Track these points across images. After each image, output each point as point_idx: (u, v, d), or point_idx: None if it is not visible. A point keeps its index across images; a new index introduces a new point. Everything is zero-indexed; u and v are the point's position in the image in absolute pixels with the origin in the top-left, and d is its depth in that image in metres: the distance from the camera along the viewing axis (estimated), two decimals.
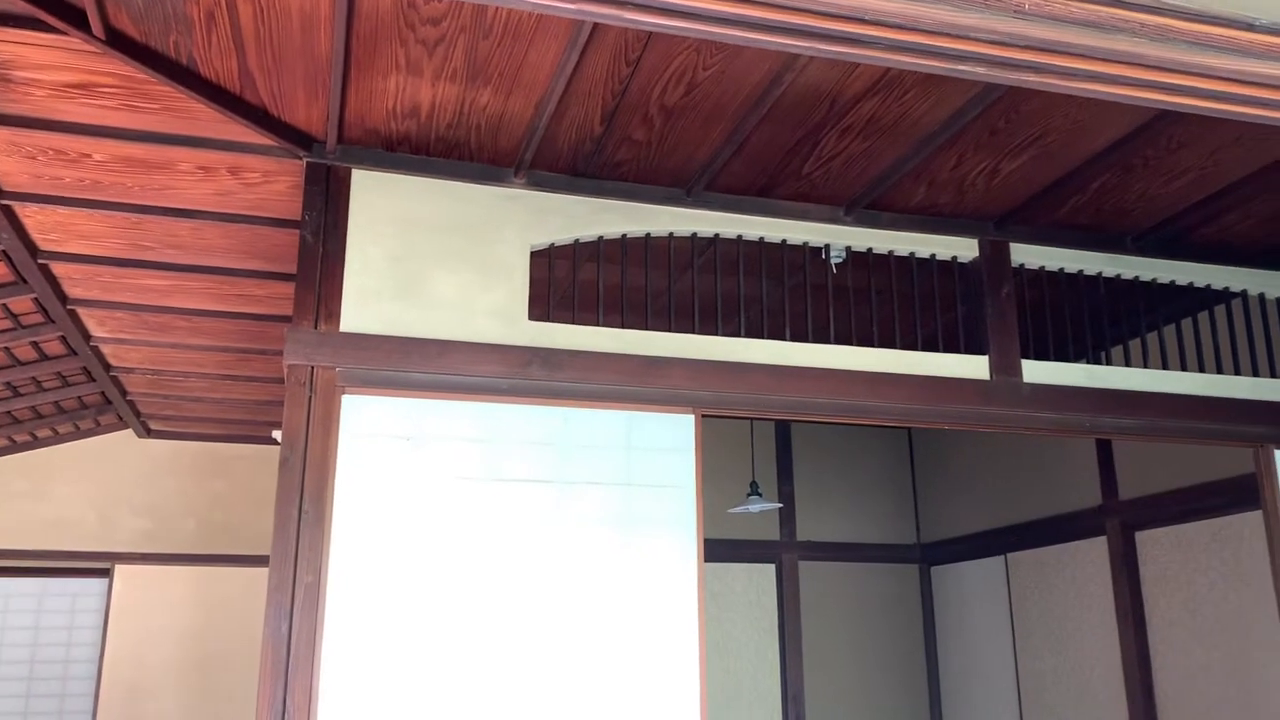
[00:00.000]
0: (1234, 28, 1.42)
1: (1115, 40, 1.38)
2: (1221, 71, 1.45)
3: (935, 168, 3.37)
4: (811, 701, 6.28)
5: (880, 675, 6.48)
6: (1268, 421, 3.73)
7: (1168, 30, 1.40)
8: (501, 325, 3.18)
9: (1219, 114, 1.55)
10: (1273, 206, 3.61)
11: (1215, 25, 1.41)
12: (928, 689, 6.54)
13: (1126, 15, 1.38)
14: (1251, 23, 1.41)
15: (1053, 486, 5.63)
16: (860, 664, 6.46)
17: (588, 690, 2.99)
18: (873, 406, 3.46)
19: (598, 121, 3.05)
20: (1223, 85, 1.47)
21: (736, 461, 6.23)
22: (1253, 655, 4.38)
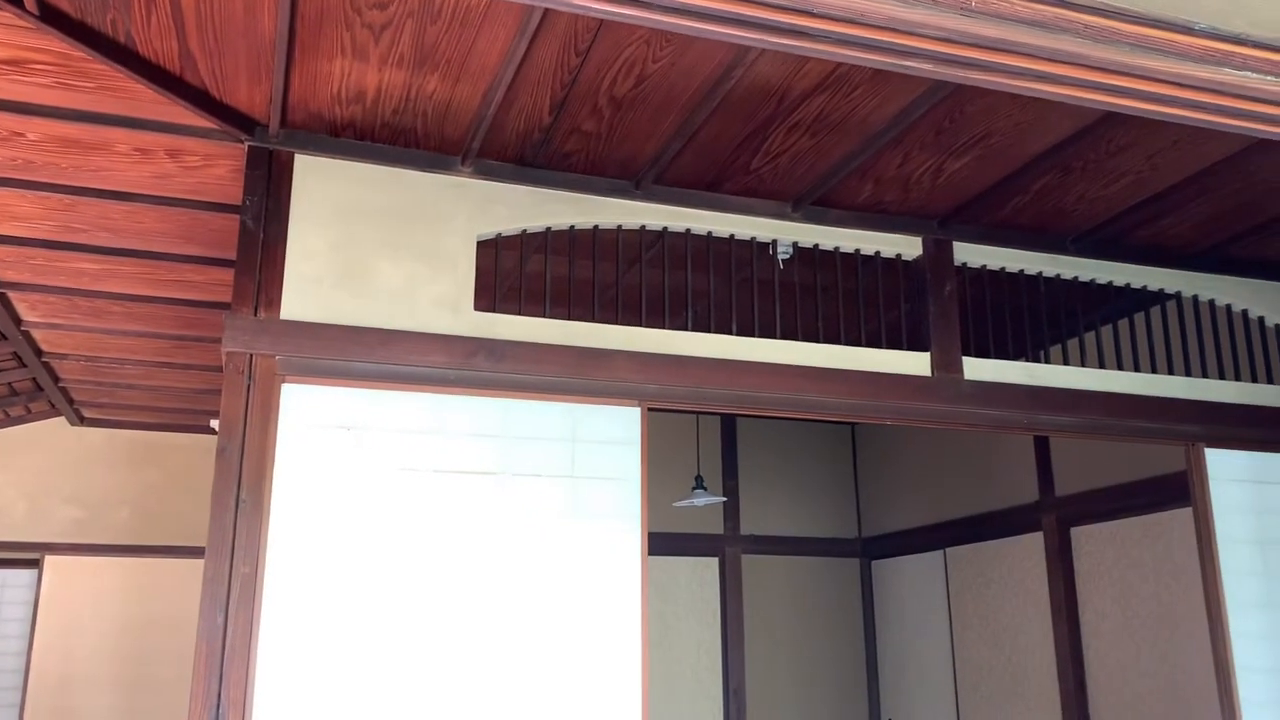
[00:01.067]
0: (1174, 31, 1.45)
1: (1060, 40, 1.40)
2: (1162, 74, 1.47)
3: (881, 166, 3.40)
4: (753, 694, 6.32)
5: (821, 667, 6.55)
6: (1199, 420, 3.83)
7: (1111, 32, 1.42)
8: (446, 315, 3.15)
9: (1159, 116, 1.58)
10: (1207, 210, 3.69)
11: (1156, 28, 1.44)
12: (867, 681, 6.62)
13: (1071, 16, 1.39)
14: (1191, 26, 1.44)
15: (991, 483, 5.72)
16: (801, 656, 6.52)
17: (531, 682, 2.97)
18: (817, 401, 3.49)
19: (547, 111, 3.03)
20: (1163, 88, 1.50)
21: (682, 455, 6.25)
22: (1180, 648, 4.50)
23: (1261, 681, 3.68)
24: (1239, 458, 3.87)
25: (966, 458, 5.96)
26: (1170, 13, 1.43)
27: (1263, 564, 3.81)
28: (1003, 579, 5.59)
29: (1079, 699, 4.98)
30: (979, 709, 5.70)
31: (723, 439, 6.69)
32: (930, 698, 6.10)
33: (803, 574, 6.68)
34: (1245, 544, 3.80)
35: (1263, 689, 3.68)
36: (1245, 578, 3.77)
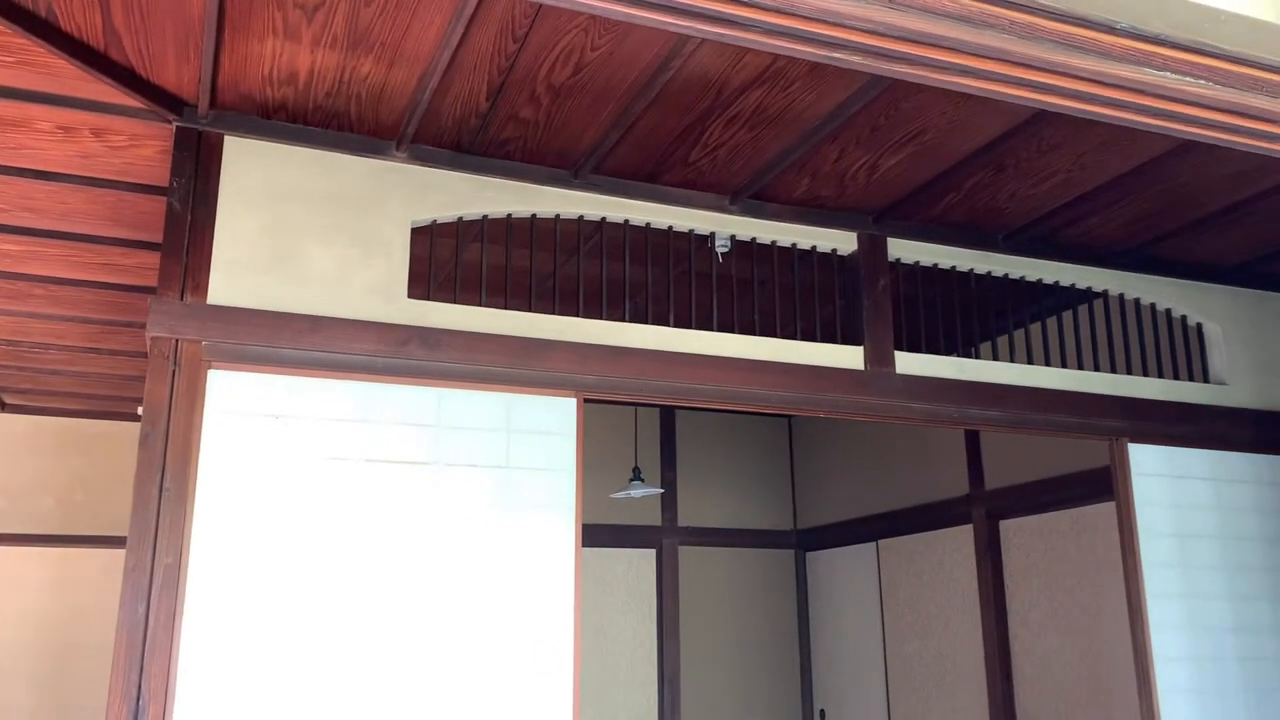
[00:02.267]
0: (1097, 30, 1.47)
1: (985, 35, 1.42)
2: (1085, 72, 1.50)
3: (818, 161, 3.42)
4: (687, 684, 6.36)
5: (755, 658, 6.60)
6: (1123, 416, 3.92)
7: (1035, 29, 1.44)
8: (379, 302, 3.11)
9: (1082, 114, 1.60)
10: (1134, 210, 3.78)
11: (1079, 26, 1.46)
12: (800, 671, 6.69)
13: (996, 11, 1.41)
14: (1113, 25, 1.46)
15: (923, 476, 5.81)
16: (736, 647, 6.57)
17: (462, 674, 2.95)
18: (753, 393, 3.51)
19: (484, 97, 3.00)
20: (1086, 86, 1.52)
21: (620, 447, 6.25)
22: (1104, 639, 4.61)
23: (1178, 670, 3.79)
24: (1160, 453, 3.98)
25: (900, 451, 6.04)
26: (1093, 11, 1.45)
27: (1180, 556, 3.91)
28: (933, 570, 5.68)
29: (1005, 688, 5.09)
30: (908, 698, 5.79)
31: (661, 431, 6.70)
32: (861, 687, 6.19)
33: (739, 566, 6.73)
34: (1164, 537, 3.91)
35: (1179, 677, 3.78)
36: (1164, 570, 3.87)
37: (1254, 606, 3.99)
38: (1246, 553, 4.04)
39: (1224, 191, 3.63)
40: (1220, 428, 4.10)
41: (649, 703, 6.27)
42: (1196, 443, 4.05)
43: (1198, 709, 3.78)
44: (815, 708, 6.61)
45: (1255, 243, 4.05)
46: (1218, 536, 4.00)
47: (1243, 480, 4.11)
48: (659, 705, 6.27)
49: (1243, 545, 4.04)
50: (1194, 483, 4.02)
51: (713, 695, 6.44)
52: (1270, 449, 4.19)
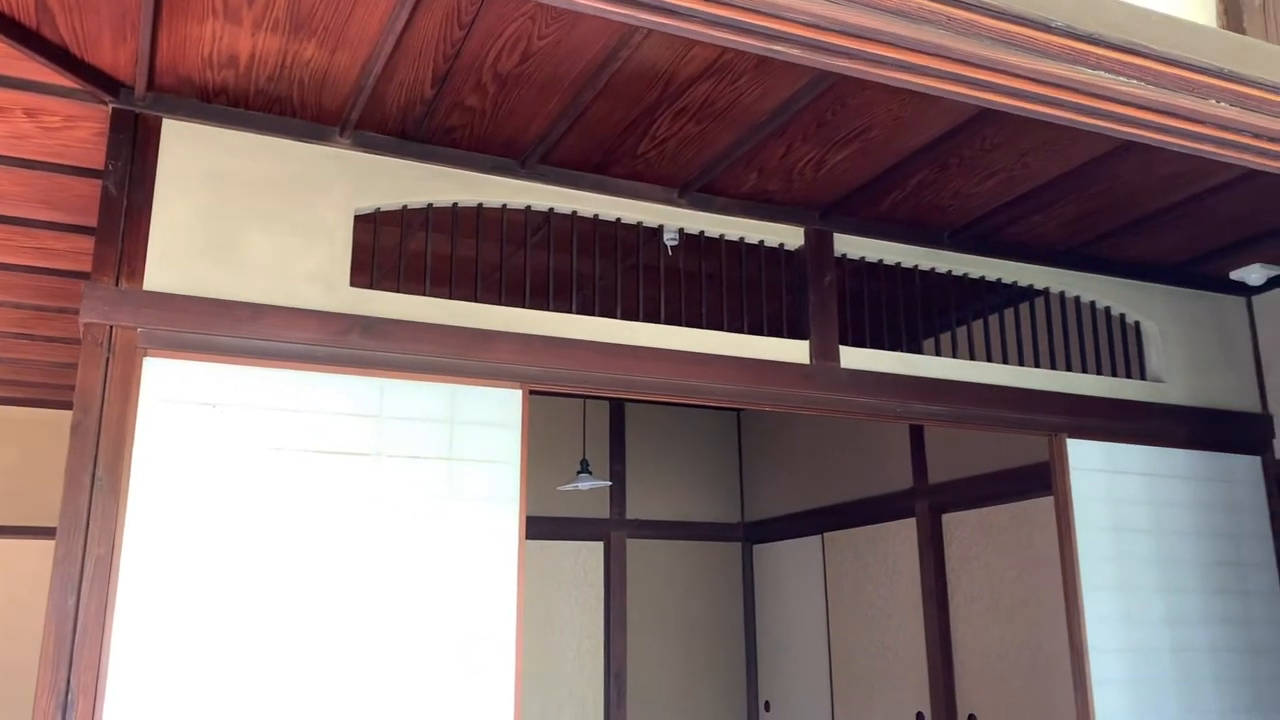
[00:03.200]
0: (1033, 27, 1.49)
1: (923, 31, 1.43)
2: (1021, 70, 1.51)
3: (765, 155, 3.43)
4: (633, 676, 6.37)
5: (701, 650, 6.63)
6: (1062, 412, 3.99)
7: (973, 25, 1.45)
8: (321, 290, 3.06)
9: (1018, 111, 1.62)
10: (1075, 209, 3.84)
11: (1016, 23, 1.48)
12: (745, 664, 6.73)
13: (934, 7, 1.42)
14: (1049, 23, 1.48)
15: (868, 470, 5.87)
16: (682, 639, 6.59)
17: (403, 668, 2.93)
18: (699, 387, 3.51)
19: (429, 84, 2.97)
20: (1022, 84, 1.54)
21: (569, 439, 6.24)
22: (1042, 631, 4.69)
23: (1112, 661, 3.87)
24: (1098, 449, 4.05)
25: (846, 445, 6.10)
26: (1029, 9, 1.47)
27: (1116, 550, 3.99)
28: (877, 563, 5.74)
29: (946, 679, 5.16)
30: (851, 689, 5.85)
31: (610, 424, 6.70)
32: (806, 679, 6.24)
33: (686, 558, 6.75)
34: (1101, 531, 3.98)
35: (1113, 668, 3.86)
36: (1100, 563, 3.94)
37: (1185, 599, 4.08)
38: (1179, 546, 4.13)
39: (1161, 193, 3.70)
40: (1156, 424, 4.19)
41: (595, 696, 6.27)
42: (1133, 439, 4.13)
43: (1130, 699, 3.86)
44: (760, 699, 6.66)
45: (1191, 243, 4.14)
46: (1152, 531, 4.09)
47: (1176, 476, 4.20)
48: (605, 698, 6.27)
49: (1175, 539, 4.13)
50: (1130, 478, 4.10)
51: (659, 688, 6.46)
52: (1203, 445, 4.29)
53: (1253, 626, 4.20)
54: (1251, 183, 3.54)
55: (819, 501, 6.25)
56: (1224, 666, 4.09)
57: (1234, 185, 3.59)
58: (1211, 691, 4.04)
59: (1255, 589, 4.25)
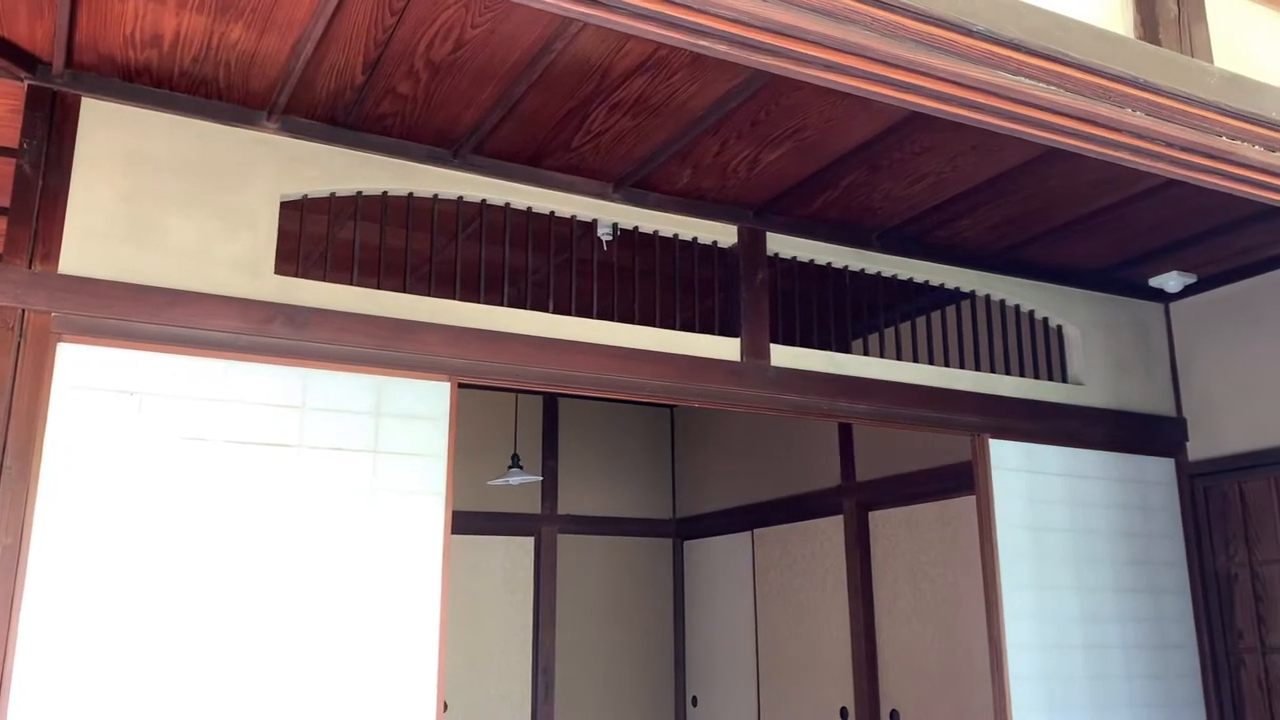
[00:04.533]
0: (955, 31, 1.51)
1: (848, 31, 1.44)
2: (943, 73, 1.53)
3: (700, 152, 3.44)
4: (562, 672, 6.35)
5: (630, 645, 6.64)
6: (985, 413, 4.07)
7: (896, 27, 1.46)
8: (244, 278, 3.00)
9: (940, 114, 1.64)
10: (1001, 214, 3.91)
11: (939, 27, 1.50)
12: (674, 659, 6.76)
13: (859, 8, 1.44)
14: (970, 28, 1.50)
15: (798, 467, 5.92)
16: (612, 635, 6.60)
17: (323, 665, 2.88)
18: (631, 382, 3.51)
19: (360, 70, 2.92)
20: (944, 86, 1.56)
21: (501, 433, 6.20)
22: (962, 627, 4.78)
23: (1028, 658, 3.95)
24: (1018, 449, 4.14)
25: (777, 443, 6.15)
26: (951, 13, 1.49)
27: (1035, 548, 4.08)
28: (805, 560, 5.80)
29: (870, 674, 5.23)
30: (777, 685, 5.91)
31: (544, 418, 6.67)
32: (733, 675, 6.28)
33: (617, 554, 6.75)
34: (1021, 530, 4.07)
35: (1029, 665, 3.95)
36: (1019, 561, 4.03)
37: (1099, 597, 4.19)
38: (1095, 545, 4.24)
39: (1085, 199, 3.79)
40: (1075, 426, 4.29)
41: (523, 691, 6.24)
42: (1053, 439, 4.23)
43: (1044, 694, 3.95)
44: (688, 694, 6.69)
45: (1113, 249, 4.24)
46: (1069, 530, 4.19)
47: (1094, 476, 4.31)
48: (532, 693, 6.25)
49: (1091, 538, 4.24)
50: (1049, 478, 4.19)
51: (587, 683, 6.45)
52: (1120, 447, 4.41)
53: (1163, 624, 4.33)
54: (1170, 191, 3.64)
55: (750, 498, 6.30)
56: (1135, 663, 4.21)
57: (1154, 194, 3.69)
58: (1123, 688, 4.15)
59: (1166, 587, 4.38)
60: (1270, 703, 4.22)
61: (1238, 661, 4.34)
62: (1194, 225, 3.99)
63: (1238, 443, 4.39)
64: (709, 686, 6.51)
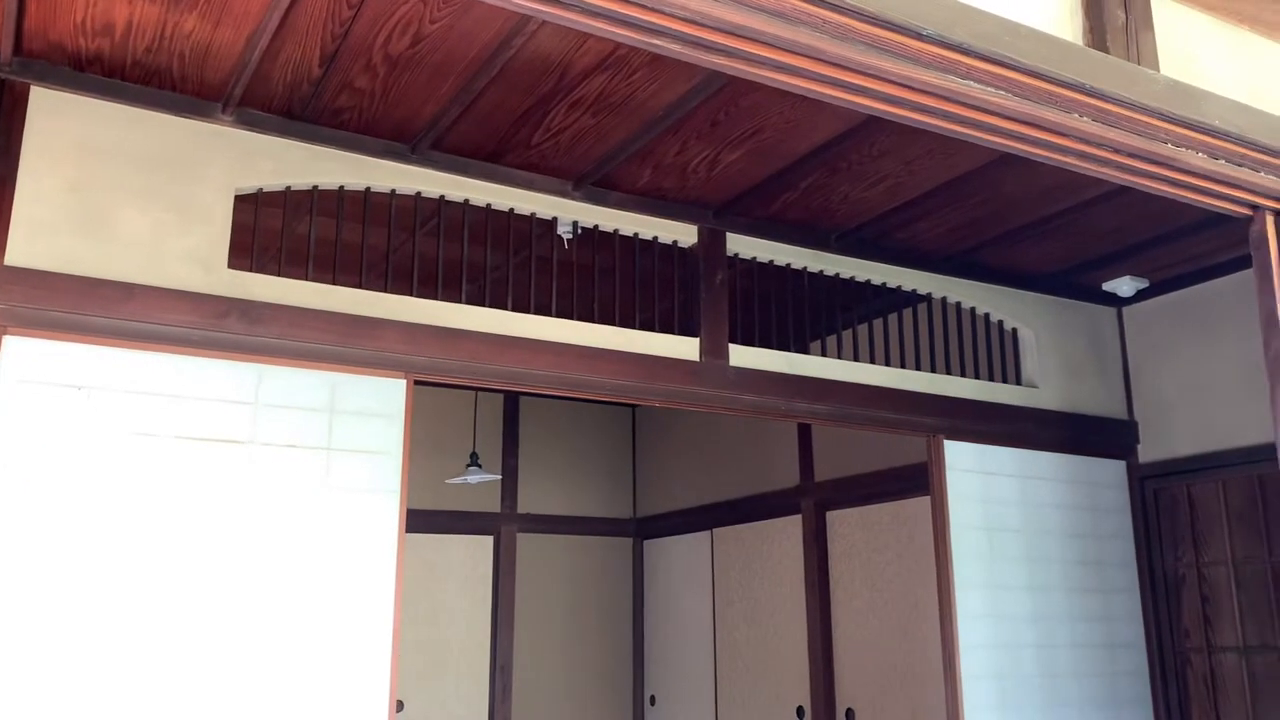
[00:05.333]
0: (906, 34, 1.52)
1: (800, 33, 1.45)
2: (894, 76, 1.55)
3: (660, 152, 3.45)
4: (520, 670, 6.34)
5: (589, 644, 6.64)
6: (940, 414, 4.11)
7: (848, 30, 1.47)
8: (197, 272, 2.96)
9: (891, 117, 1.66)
10: (957, 217, 3.95)
11: (889, 29, 1.51)
12: (633, 657, 6.76)
13: (810, 9, 1.44)
14: (920, 31, 1.52)
15: (758, 467, 5.95)
16: (571, 634, 6.59)
17: (274, 662, 2.85)
18: (590, 381, 3.51)
19: (316, 64, 2.89)
20: (894, 89, 1.58)
21: (460, 431, 6.17)
22: (918, 625, 4.82)
23: (981, 657, 4.00)
24: (973, 450, 4.18)
25: (737, 443, 6.17)
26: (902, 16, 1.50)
27: (988, 548, 4.13)
28: (763, 559, 5.83)
29: (826, 673, 5.26)
30: (735, 684, 5.93)
31: (504, 417, 6.65)
32: (691, 674, 6.30)
33: (577, 553, 6.75)
34: (974, 530, 4.11)
35: (981, 664, 3.99)
36: (973, 561, 4.08)
37: (1050, 597, 4.25)
38: (1047, 546, 4.30)
39: (1040, 204, 3.83)
40: (1028, 427, 4.34)
41: (480, 690, 6.22)
42: (1006, 441, 4.28)
43: (996, 693, 4.00)
44: (646, 693, 6.69)
45: (1067, 254, 4.30)
46: (1022, 530, 4.24)
47: (1046, 478, 4.37)
48: (490, 692, 6.23)
49: (1044, 539, 4.30)
50: (1002, 479, 4.24)
51: (545, 682, 6.44)
52: (1072, 449, 4.47)
53: (1112, 623, 4.40)
54: (1122, 198, 3.69)
55: (710, 498, 6.32)
56: (1085, 662, 4.27)
57: (1107, 199, 3.74)
58: (1073, 686, 4.21)
59: (1116, 587, 4.45)
60: (1215, 701, 4.30)
61: (1184, 661, 4.41)
62: (1146, 231, 4.05)
63: (1187, 446, 4.46)
64: (667, 685, 6.52)
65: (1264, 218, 2.27)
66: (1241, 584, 4.26)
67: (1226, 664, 4.28)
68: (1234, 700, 4.24)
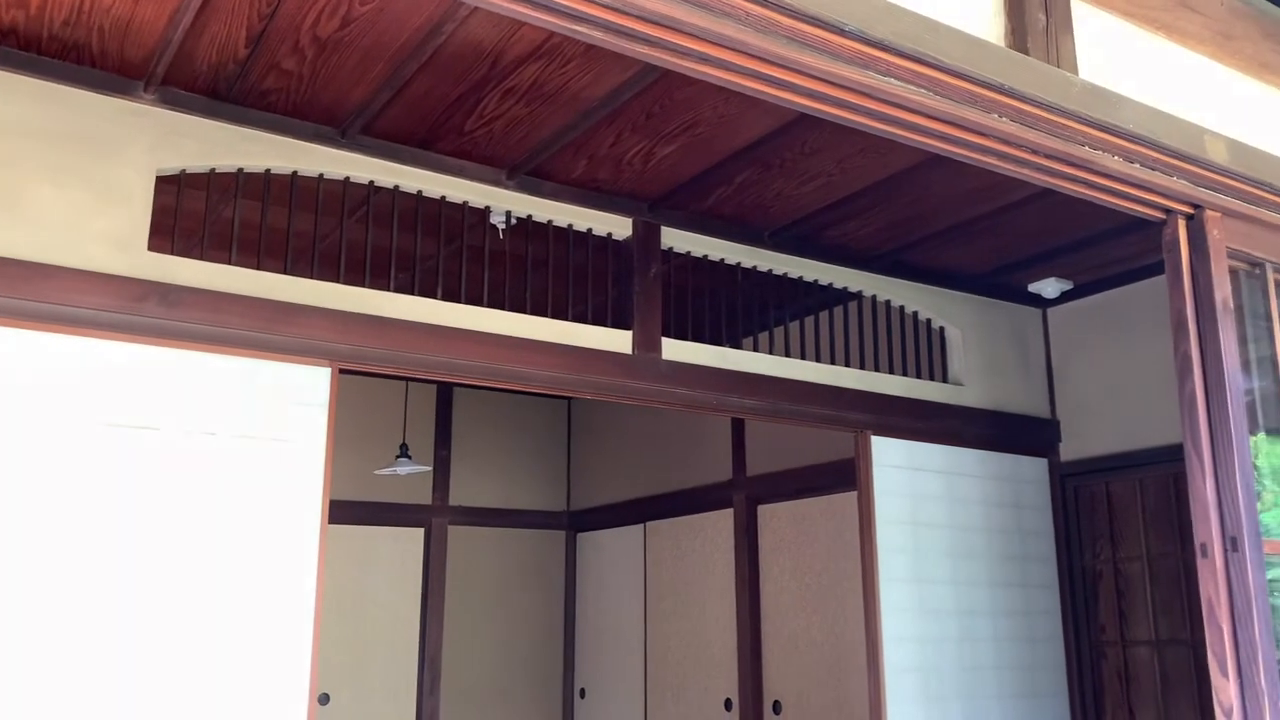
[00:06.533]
0: (827, 29, 1.53)
1: (723, 25, 1.45)
2: (816, 71, 1.55)
3: (595, 143, 3.43)
4: (449, 664, 6.29)
5: (520, 637, 6.61)
6: (869, 410, 4.16)
7: (770, 22, 1.48)
8: (116, 254, 2.88)
9: (812, 111, 1.67)
10: (887, 217, 4.00)
11: (811, 24, 1.52)
12: (563, 651, 6.75)
13: (734, 2, 1.45)
14: (842, 27, 1.53)
15: (691, 461, 5.97)
16: (501, 627, 6.56)
17: (189, 656, 2.78)
18: (521, 373, 3.49)
19: (243, 44, 2.83)
20: (816, 84, 1.58)
21: (391, 422, 6.10)
22: (844, 619, 4.88)
23: (905, 649, 4.06)
24: (900, 446, 4.24)
25: (671, 436, 6.19)
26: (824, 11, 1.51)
27: (913, 543, 4.19)
28: (695, 552, 5.86)
29: (754, 666, 5.31)
30: (665, 677, 5.95)
31: (437, 408, 6.59)
32: (622, 667, 6.31)
33: (510, 546, 6.71)
34: (900, 525, 4.17)
35: (906, 655, 4.05)
36: (898, 555, 4.13)
37: (973, 591, 4.33)
38: (971, 541, 4.37)
39: (968, 204, 3.89)
40: (954, 425, 4.42)
41: (408, 683, 6.16)
42: (933, 438, 4.35)
43: (919, 685, 4.07)
44: (576, 687, 6.69)
45: (994, 255, 4.38)
46: (946, 526, 4.31)
47: (971, 474, 4.45)
48: (418, 685, 6.17)
49: (968, 534, 4.37)
50: (928, 475, 4.31)
51: (475, 675, 6.40)
52: (997, 447, 4.56)
53: (1033, 617, 4.49)
54: (1048, 200, 3.77)
55: (643, 491, 6.33)
56: (1005, 655, 4.36)
57: (1033, 202, 3.82)
58: (993, 678, 4.30)
59: (1036, 582, 4.55)
60: (1128, 693, 4.42)
61: (1099, 654, 4.53)
62: (1070, 234, 4.14)
63: (1106, 445, 4.58)
64: (598, 679, 6.52)
65: (1176, 221, 2.33)
66: (1155, 580, 4.38)
67: (1139, 657, 4.40)
68: (1146, 692, 4.36)
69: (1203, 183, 2.35)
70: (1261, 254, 2.50)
